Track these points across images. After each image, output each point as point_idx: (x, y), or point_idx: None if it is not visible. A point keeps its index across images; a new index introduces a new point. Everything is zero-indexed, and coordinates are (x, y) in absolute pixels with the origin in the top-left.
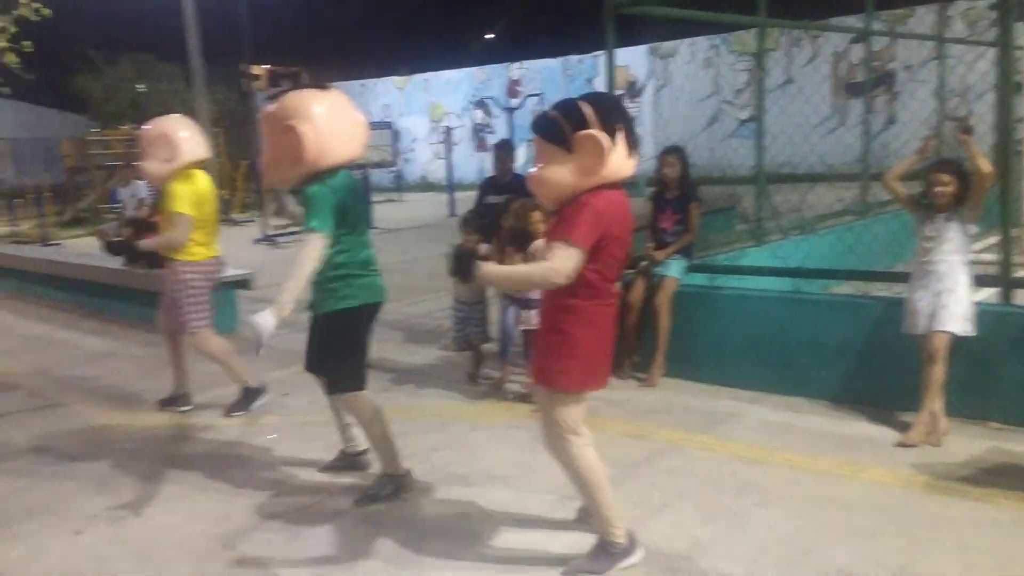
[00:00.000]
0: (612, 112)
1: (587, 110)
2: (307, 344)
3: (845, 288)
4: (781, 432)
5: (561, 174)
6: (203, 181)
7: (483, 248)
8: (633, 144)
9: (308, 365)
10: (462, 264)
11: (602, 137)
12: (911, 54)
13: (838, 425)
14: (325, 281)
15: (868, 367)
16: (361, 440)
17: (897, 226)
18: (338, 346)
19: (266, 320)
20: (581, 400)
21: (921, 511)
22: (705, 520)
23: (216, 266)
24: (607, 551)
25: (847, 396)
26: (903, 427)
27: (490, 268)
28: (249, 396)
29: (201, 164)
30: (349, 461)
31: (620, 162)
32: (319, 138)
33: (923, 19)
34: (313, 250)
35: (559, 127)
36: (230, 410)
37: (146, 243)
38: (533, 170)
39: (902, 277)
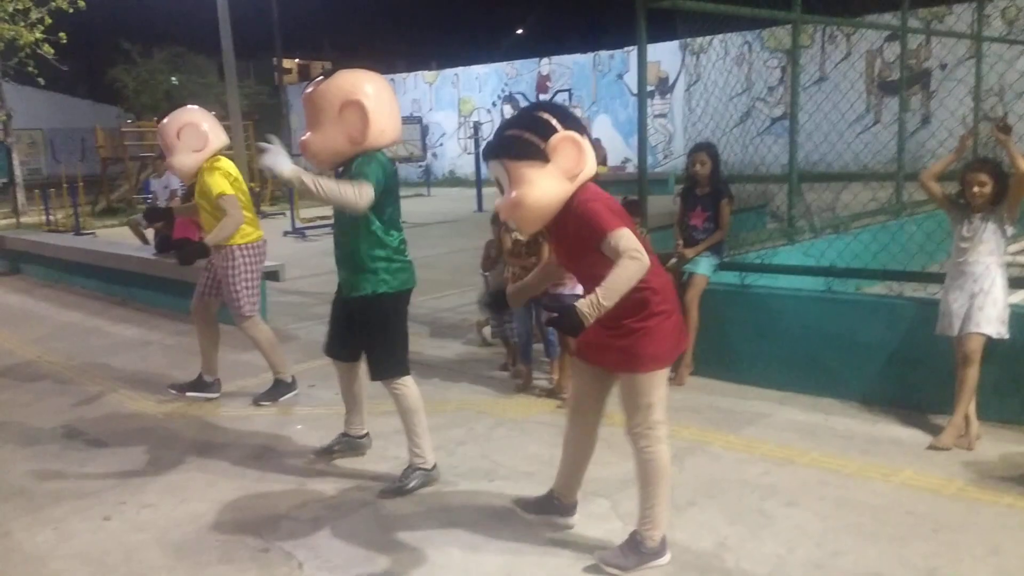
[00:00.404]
0: (569, 113)
1: (547, 116)
2: (334, 330)
3: (878, 288)
4: (811, 433)
5: (544, 187)
6: (231, 165)
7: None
8: (593, 144)
9: (335, 350)
10: (498, 302)
11: (575, 135)
12: (948, 52)
13: (869, 427)
14: (366, 262)
15: (900, 368)
16: (364, 425)
17: (932, 226)
18: (382, 330)
19: (286, 163)
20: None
21: (952, 515)
22: (732, 520)
23: (265, 247)
24: (638, 549)
25: (879, 398)
26: (935, 430)
27: (587, 307)
28: (280, 388)
29: (226, 151)
30: (349, 444)
31: (592, 161)
32: (377, 116)
33: (960, 16)
34: (363, 198)
35: (527, 142)
36: (259, 399)
37: (211, 239)
38: (509, 196)
39: (937, 278)
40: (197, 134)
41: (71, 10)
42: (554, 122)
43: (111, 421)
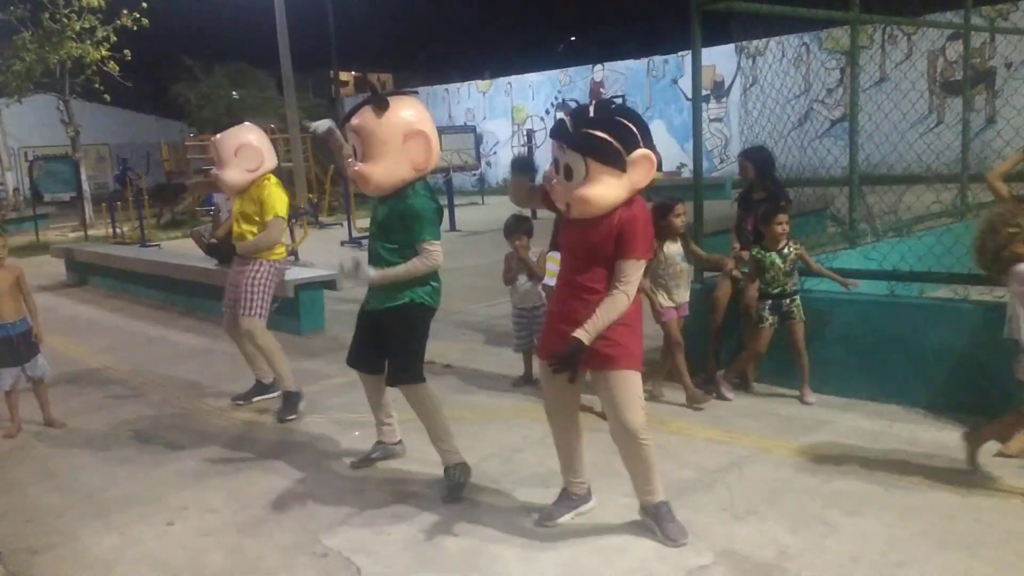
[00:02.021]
0: (647, 128)
1: (634, 128)
2: (359, 343)
3: (943, 292)
4: (875, 439)
5: (613, 193)
6: (280, 186)
7: (535, 253)
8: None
9: (360, 363)
10: (572, 359)
11: (653, 156)
12: (1013, 50)
13: (934, 433)
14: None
15: (966, 374)
16: (398, 431)
17: None
18: (410, 340)
19: (372, 272)
20: None
21: (1020, 523)
22: (793, 528)
23: (285, 266)
24: (663, 512)
25: (944, 403)
26: (1002, 437)
27: (585, 337)
28: (293, 399)
29: (275, 171)
30: (386, 451)
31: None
32: (435, 143)
33: None
34: (437, 258)
35: (615, 150)
36: (281, 416)
37: (242, 247)
38: (578, 187)
39: (1003, 281)
40: (255, 155)
41: (135, 28)
42: (638, 136)
43: (174, 428)
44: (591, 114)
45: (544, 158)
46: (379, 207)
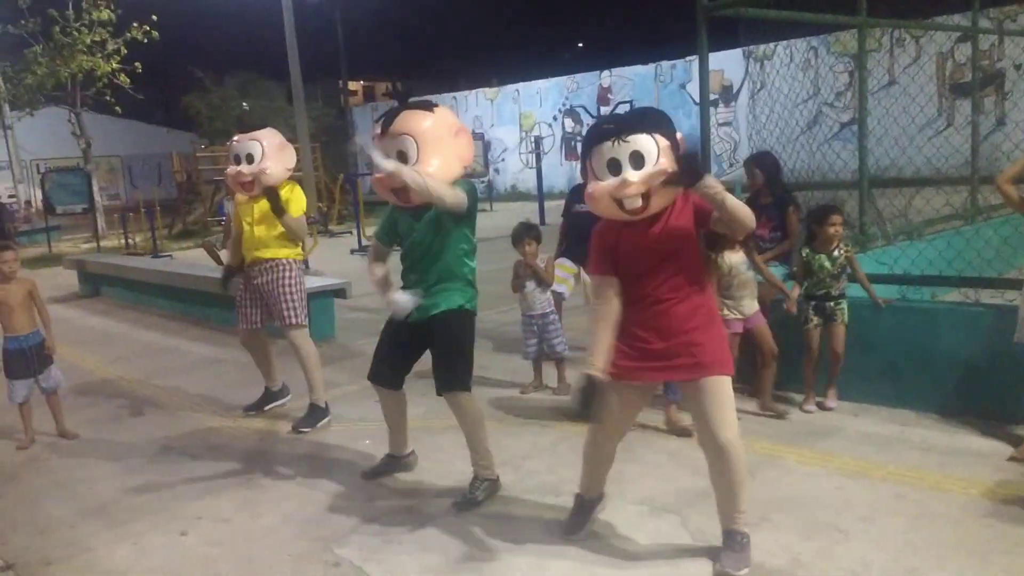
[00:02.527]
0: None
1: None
2: (388, 357)
3: (954, 295)
4: (887, 445)
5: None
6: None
7: (543, 259)
8: None
9: (386, 378)
10: (590, 398)
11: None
12: (1021, 52)
13: (947, 438)
14: (457, 277)
15: (979, 378)
16: (409, 443)
17: (1009, 231)
18: (461, 343)
19: (389, 162)
20: None
21: None
22: (806, 535)
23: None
24: (742, 542)
25: (956, 408)
26: (1016, 440)
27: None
28: (317, 414)
29: (294, 172)
30: (396, 464)
31: None
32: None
33: None
34: (460, 195)
35: (674, 129)
36: (298, 426)
37: (292, 223)
38: (659, 166)
39: (1015, 284)
40: (292, 156)
41: (145, 40)
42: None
43: (187, 438)
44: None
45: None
46: (405, 220)
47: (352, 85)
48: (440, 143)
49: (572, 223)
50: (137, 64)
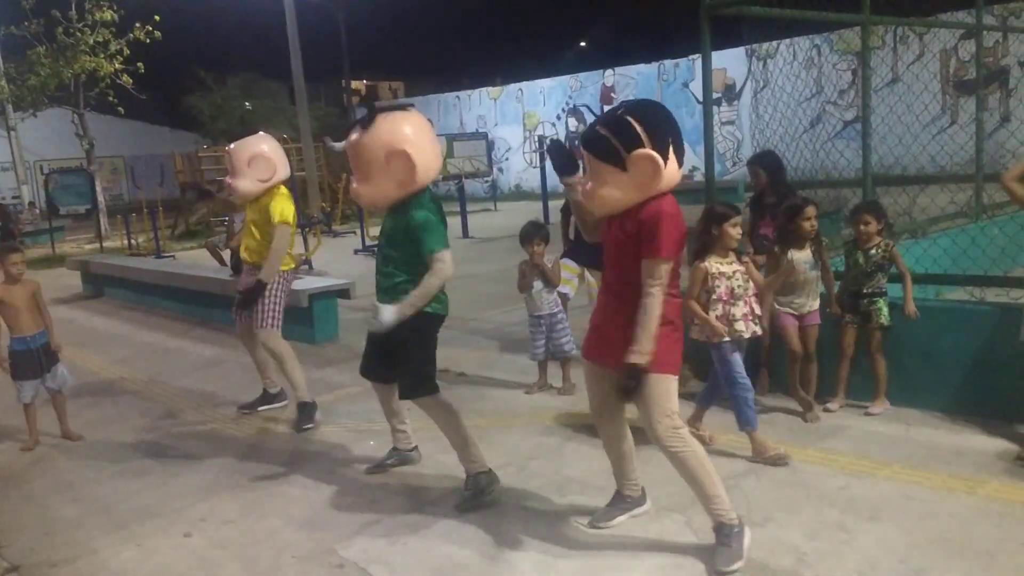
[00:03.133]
0: (661, 125)
1: (638, 128)
2: (371, 354)
3: (959, 294)
4: (892, 444)
5: (616, 193)
6: (289, 198)
7: (550, 259)
8: (681, 153)
9: (373, 373)
10: (635, 386)
11: (656, 156)
12: None
13: (953, 438)
14: (417, 283)
15: (984, 377)
16: (412, 438)
17: (1014, 229)
18: (419, 350)
19: (389, 314)
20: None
21: None
22: (811, 535)
23: (295, 275)
24: (729, 535)
25: (962, 407)
26: (1022, 440)
27: (639, 357)
28: (309, 409)
29: (287, 180)
30: (401, 457)
31: (672, 173)
32: (421, 158)
33: None
34: (447, 268)
35: (612, 147)
36: (299, 427)
37: (265, 275)
38: (586, 187)
39: (1020, 282)
40: (267, 166)
41: (148, 41)
42: (642, 135)
43: (191, 439)
44: (605, 114)
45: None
46: (387, 219)
47: (355, 84)
48: (369, 166)
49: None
50: (140, 64)
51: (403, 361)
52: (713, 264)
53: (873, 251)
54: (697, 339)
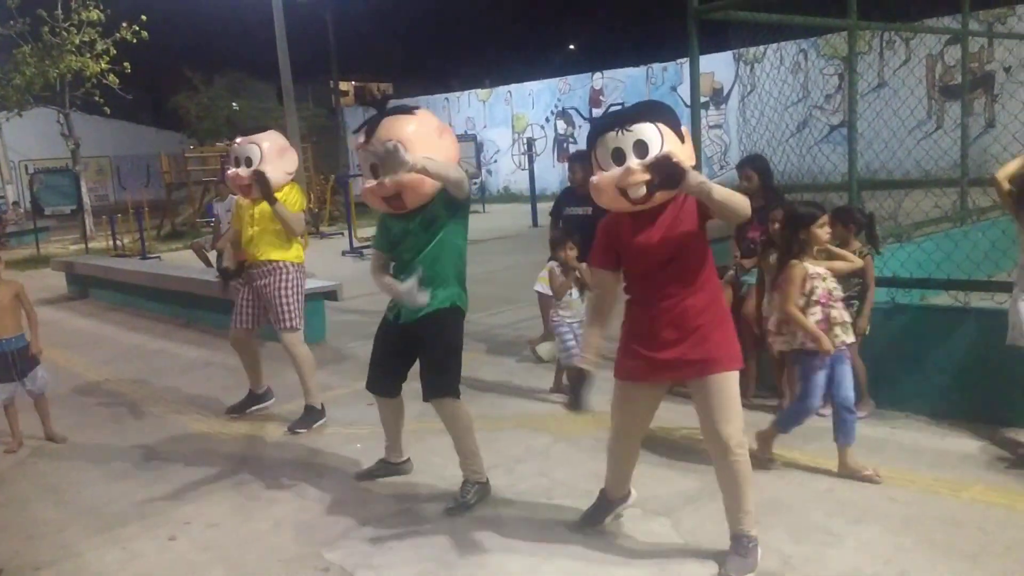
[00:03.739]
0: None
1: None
2: (383, 364)
3: (943, 298)
4: (878, 448)
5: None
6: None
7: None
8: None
9: (384, 386)
10: (579, 389)
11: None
12: (1011, 55)
13: (937, 441)
14: (450, 274)
15: (968, 381)
16: (405, 450)
17: (997, 233)
18: (449, 348)
19: (408, 159)
20: None
21: None
22: (797, 538)
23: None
24: (747, 546)
25: (946, 411)
26: (1005, 443)
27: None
28: (313, 415)
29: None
30: (389, 470)
31: None
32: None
33: (1022, 18)
34: (467, 182)
35: (678, 120)
36: (294, 427)
37: (287, 216)
38: (660, 153)
39: (1004, 287)
40: (294, 161)
41: (135, 40)
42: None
43: (176, 441)
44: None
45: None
46: (397, 221)
47: (343, 85)
48: (428, 146)
49: (563, 226)
50: (126, 64)
51: (432, 361)
52: (808, 265)
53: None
54: (783, 350)
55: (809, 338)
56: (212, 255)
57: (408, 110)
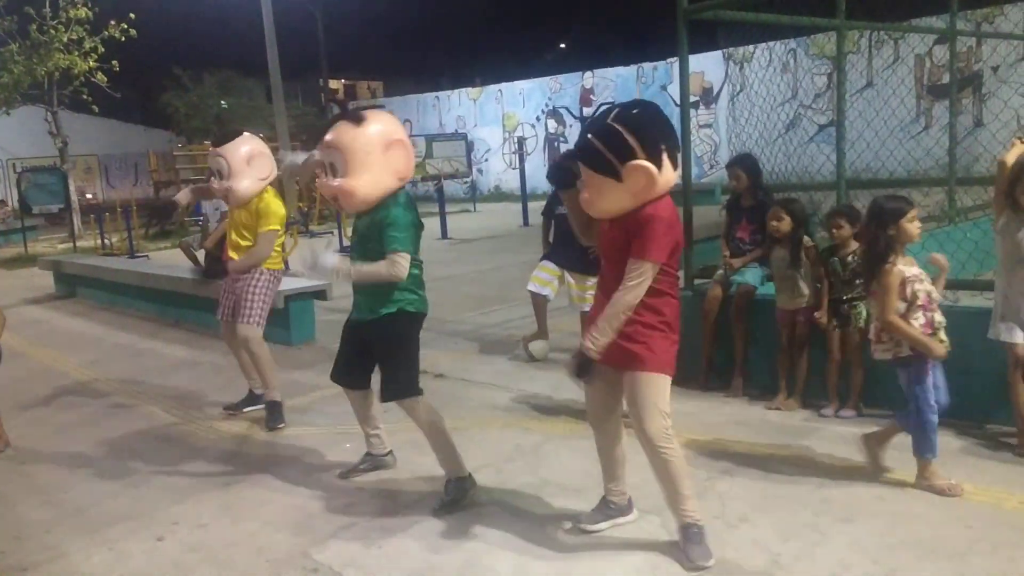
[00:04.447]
0: (652, 130)
1: (629, 138)
2: (345, 357)
3: None
4: None
5: (613, 203)
6: (279, 197)
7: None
8: (676, 153)
9: (345, 378)
10: (582, 368)
11: (649, 166)
12: (998, 54)
13: None
14: (389, 285)
15: (955, 379)
16: (387, 442)
17: (982, 233)
18: (400, 349)
19: (332, 258)
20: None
21: (1012, 530)
22: (785, 536)
23: (281, 277)
24: (696, 533)
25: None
26: (991, 441)
27: (590, 342)
28: (277, 407)
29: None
30: (374, 462)
31: (668, 176)
32: (412, 152)
33: (1011, 17)
34: (401, 269)
35: (605, 159)
36: (271, 425)
37: (234, 266)
38: (584, 196)
39: (990, 286)
40: (267, 163)
41: (123, 38)
42: (634, 145)
43: (164, 441)
44: (595, 119)
45: (535, 166)
46: (360, 219)
47: (333, 83)
48: (368, 158)
49: (555, 226)
50: (115, 62)
51: (384, 363)
52: (904, 267)
53: (850, 258)
54: (883, 359)
55: (918, 347)
56: (200, 254)
57: (360, 118)
